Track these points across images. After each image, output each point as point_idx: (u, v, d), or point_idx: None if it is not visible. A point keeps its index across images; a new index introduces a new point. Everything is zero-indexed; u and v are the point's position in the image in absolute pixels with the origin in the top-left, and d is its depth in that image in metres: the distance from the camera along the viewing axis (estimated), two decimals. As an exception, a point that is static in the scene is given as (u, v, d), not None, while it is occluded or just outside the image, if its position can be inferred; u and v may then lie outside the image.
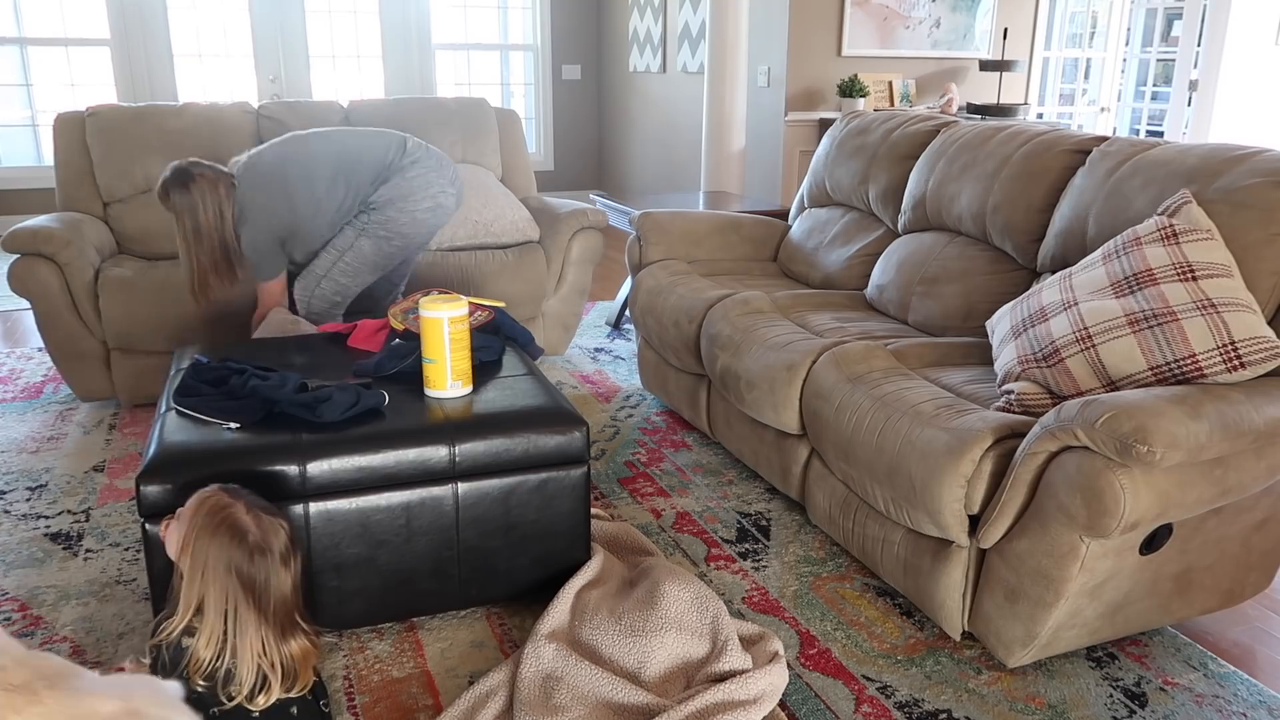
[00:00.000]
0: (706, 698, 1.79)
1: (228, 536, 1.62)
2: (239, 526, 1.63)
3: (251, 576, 1.61)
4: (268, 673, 1.61)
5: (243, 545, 1.62)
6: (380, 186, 2.96)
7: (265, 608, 1.62)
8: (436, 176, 3.03)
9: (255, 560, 1.62)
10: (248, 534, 1.63)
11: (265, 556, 1.63)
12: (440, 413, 2.11)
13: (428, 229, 3.06)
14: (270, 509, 1.70)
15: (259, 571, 1.62)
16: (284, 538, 1.67)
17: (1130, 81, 7.84)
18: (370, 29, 7.10)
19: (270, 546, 1.64)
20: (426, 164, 3.02)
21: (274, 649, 1.62)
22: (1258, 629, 2.21)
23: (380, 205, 2.96)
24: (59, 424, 3.31)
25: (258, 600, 1.62)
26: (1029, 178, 2.62)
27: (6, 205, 6.43)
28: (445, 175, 3.07)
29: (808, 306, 2.96)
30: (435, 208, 3.03)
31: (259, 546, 1.63)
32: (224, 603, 1.60)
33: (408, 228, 2.99)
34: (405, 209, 2.96)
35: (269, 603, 1.63)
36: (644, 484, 2.88)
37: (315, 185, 2.92)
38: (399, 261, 3.15)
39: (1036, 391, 2.07)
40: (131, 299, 3.29)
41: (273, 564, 1.63)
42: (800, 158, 5.78)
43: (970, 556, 2.00)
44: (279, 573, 1.64)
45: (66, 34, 6.43)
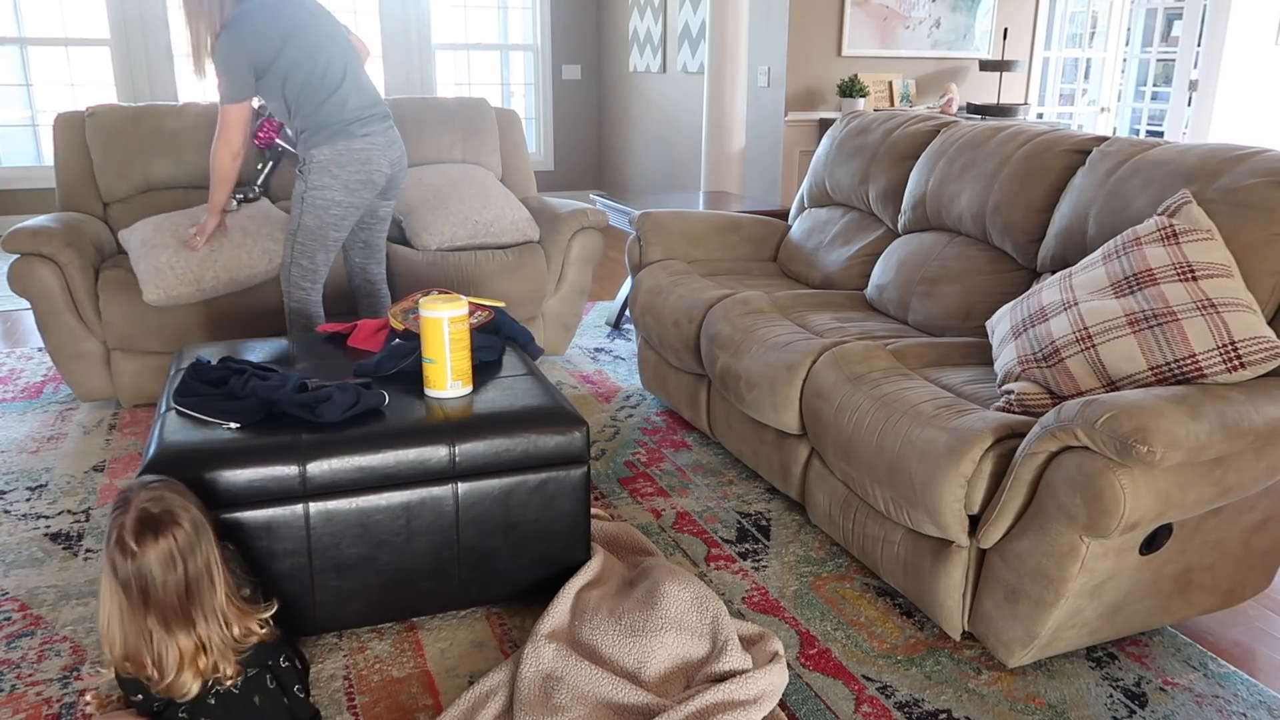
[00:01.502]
0: (706, 698, 1.79)
1: (110, 537, 1.60)
2: (116, 523, 1.60)
3: (127, 577, 1.58)
4: (184, 664, 1.61)
5: (117, 545, 1.58)
6: (319, 115, 2.96)
7: (148, 605, 1.59)
8: (379, 155, 3.02)
9: (127, 561, 1.58)
10: (123, 535, 1.58)
11: (132, 559, 1.58)
12: (440, 413, 2.11)
13: (360, 199, 3.04)
14: (172, 505, 1.63)
15: (132, 571, 1.58)
16: (179, 536, 1.60)
17: (1130, 81, 7.84)
18: (370, 29, 7.10)
19: (135, 549, 1.58)
20: (373, 140, 3.01)
21: (171, 644, 1.60)
22: (1258, 629, 2.21)
23: (315, 168, 2.96)
24: (59, 424, 3.31)
25: (146, 605, 1.59)
26: (1029, 178, 2.62)
27: (6, 205, 6.43)
28: (390, 155, 3.07)
29: (808, 306, 2.96)
30: (367, 181, 3.02)
31: (129, 550, 1.58)
32: (109, 598, 1.60)
33: (339, 194, 2.99)
34: (339, 176, 2.97)
35: (157, 602, 1.59)
36: (644, 484, 2.88)
37: (307, 48, 2.94)
38: (353, 226, 3.14)
39: (1036, 391, 2.07)
40: (131, 299, 3.29)
41: (141, 564, 1.58)
42: (800, 158, 5.78)
43: (970, 556, 2.00)
44: (154, 571, 1.58)
45: (66, 34, 6.43)
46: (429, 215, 3.77)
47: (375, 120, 3.03)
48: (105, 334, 3.33)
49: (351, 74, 3.01)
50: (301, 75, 2.92)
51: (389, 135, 3.06)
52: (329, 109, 2.95)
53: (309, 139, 2.96)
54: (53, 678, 1.95)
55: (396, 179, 3.16)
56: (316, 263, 3.10)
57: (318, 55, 2.94)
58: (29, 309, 4.63)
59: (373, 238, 3.30)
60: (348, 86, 2.98)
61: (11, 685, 1.93)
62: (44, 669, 1.98)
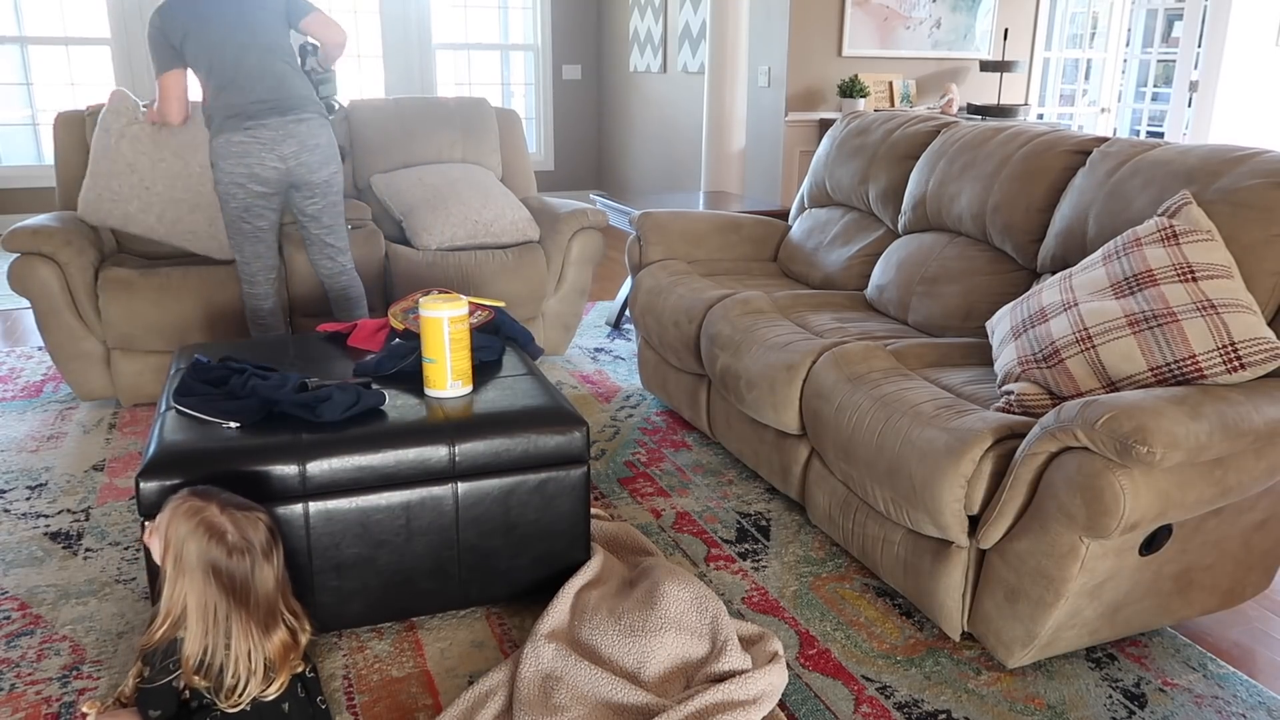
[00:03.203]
0: (706, 698, 1.79)
1: (205, 537, 1.61)
2: (215, 526, 1.62)
3: (231, 575, 1.61)
4: (254, 670, 1.62)
5: (221, 544, 1.61)
6: (216, 103, 3.01)
7: (248, 605, 1.62)
8: (261, 150, 3.01)
9: (234, 559, 1.61)
10: (225, 533, 1.62)
11: (245, 554, 1.62)
12: (440, 412, 2.11)
13: (254, 192, 3.06)
14: (246, 504, 1.69)
15: (238, 569, 1.61)
16: (263, 532, 1.67)
17: (1130, 82, 7.84)
18: (370, 28, 7.10)
19: (250, 543, 1.63)
20: (256, 134, 3.00)
21: (258, 647, 1.62)
22: (1257, 630, 2.21)
23: (213, 160, 3.04)
24: (59, 423, 3.31)
25: (241, 599, 1.62)
26: (1029, 178, 2.62)
27: (6, 204, 6.43)
28: (280, 150, 3.04)
29: (808, 307, 2.96)
30: (250, 175, 3.03)
31: (237, 545, 1.62)
32: (206, 604, 1.60)
33: (229, 187, 3.04)
34: (221, 168, 3.03)
35: (251, 600, 1.63)
36: (644, 484, 2.88)
37: (215, 34, 2.98)
38: (260, 218, 3.12)
39: (1036, 392, 2.07)
40: (131, 299, 3.29)
41: (254, 560, 1.63)
42: (800, 158, 5.78)
43: (970, 557, 2.00)
44: (261, 568, 1.64)
45: (67, 33, 6.43)
46: (429, 215, 3.77)
47: (269, 114, 3.00)
48: (105, 333, 3.33)
49: (259, 65, 3.01)
50: (205, 61, 2.99)
51: (284, 129, 3.02)
52: (224, 99, 3.00)
53: (208, 125, 3.06)
54: (52, 677, 1.95)
55: (300, 174, 3.09)
56: (245, 255, 3.18)
57: (226, 43, 2.98)
58: (29, 308, 4.63)
59: (311, 235, 3.26)
60: (250, 78, 3.00)
61: (11, 684, 1.93)
62: (43, 668, 1.98)
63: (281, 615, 1.68)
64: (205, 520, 1.63)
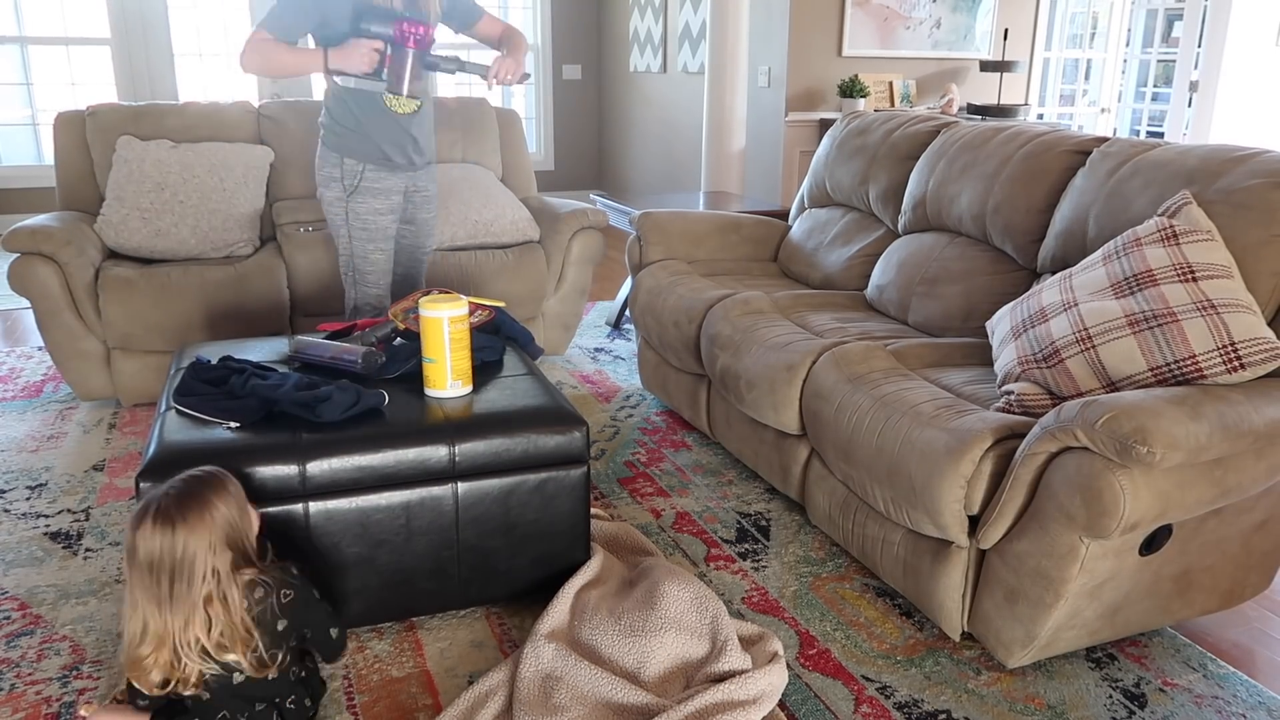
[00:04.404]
0: (706, 698, 1.79)
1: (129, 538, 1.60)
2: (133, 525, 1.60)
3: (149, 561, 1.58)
4: (214, 648, 1.60)
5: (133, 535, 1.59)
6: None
7: (169, 591, 1.58)
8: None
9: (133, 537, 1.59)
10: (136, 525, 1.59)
11: (132, 530, 1.59)
12: (440, 412, 2.11)
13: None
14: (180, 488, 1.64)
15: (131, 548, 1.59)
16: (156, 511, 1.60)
17: (1130, 82, 7.84)
18: (371, 28, 7.09)
19: (138, 522, 1.59)
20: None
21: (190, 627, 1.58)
22: (1257, 630, 2.21)
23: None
24: (59, 423, 3.31)
25: (161, 583, 1.57)
26: (1029, 178, 2.62)
27: (6, 204, 6.43)
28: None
29: (808, 307, 2.96)
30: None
31: (133, 525, 1.60)
32: (136, 606, 1.59)
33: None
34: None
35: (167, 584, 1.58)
36: (644, 484, 2.88)
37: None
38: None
39: (1036, 392, 2.07)
40: (131, 299, 3.29)
41: (139, 533, 1.59)
42: (800, 158, 5.78)
43: (970, 557, 2.00)
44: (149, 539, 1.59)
45: (67, 33, 6.43)
46: (429, 215, 3.77)
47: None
48: (105, 333, 3.33)
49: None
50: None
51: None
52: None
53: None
54: (52, 677, 1.95)
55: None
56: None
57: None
58: (29, 308, 4.63)
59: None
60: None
61: (11, 684, 1.93)
62: (43, 668, 1.98)
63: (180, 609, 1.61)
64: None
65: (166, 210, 3.53)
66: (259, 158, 3.80)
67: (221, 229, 3.59)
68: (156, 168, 3.59)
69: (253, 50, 2.63)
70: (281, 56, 2.64)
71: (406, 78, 2.65)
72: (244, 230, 3.65)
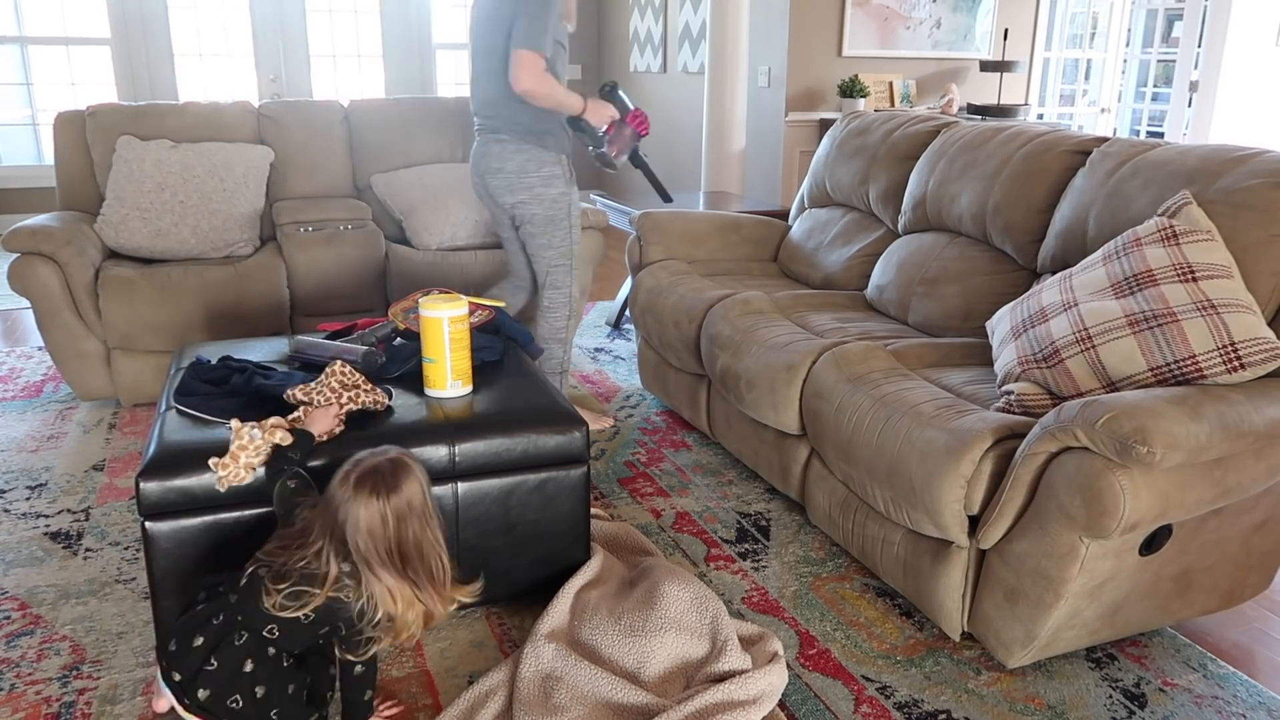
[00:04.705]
0: (706, 698, 1.79)
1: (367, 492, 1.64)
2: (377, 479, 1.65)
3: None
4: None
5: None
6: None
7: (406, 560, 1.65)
8: (472, 164, 3.11)
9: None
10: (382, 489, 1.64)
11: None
12: (440, 412, 2.11)
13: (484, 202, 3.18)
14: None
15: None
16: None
17: (1130, 82, 7.84)
18: (371, 28, 7.10)
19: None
20: (474, 149, 3.11)
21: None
22: (1257, 630, 2.21)
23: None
24: (59, 423, 3.31)
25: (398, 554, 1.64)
26: (1029, 178, 2.62)
27: (6, 204, 6.43)
28: (477, 167, 3.08)
29: (808, 307, 2.96)
30: (474, 185, 3.15)
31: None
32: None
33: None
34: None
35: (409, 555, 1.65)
36: (644, 484, 2.88)
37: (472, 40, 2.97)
38: (501, 226, 3.20)
39: (1036, 392, 2.07)
40: (131, 298, 3.29)
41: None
42: (800, 158, 5.78)
43: (970, 557, 2.00)
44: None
45: (67, 33, 6.43)
46: (429, 215, 3.77)
47: (479, 130, 3.05)
48: (105, 333, 3.33)
49: (476, 77, 3.02)
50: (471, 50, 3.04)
51: (481, 148, 3.02)
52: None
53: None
54: (52, 677, 1.95)
55: (489, 189, 3.04)
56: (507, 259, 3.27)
57: (471, 35, 3.01)
58: (29, 308, 4.63)
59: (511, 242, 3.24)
60: (474, 84, 3.04)
61: (11, 684, 1.93)
62: (43, 668, 1.98)
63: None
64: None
65: (166, 210, 3.53)
66: (259, 158, 3.80)
67: (221, 229, 3.59)
68: (156, 168, 3.59)
69: (536, 73, 2.85)
70: (558, 89, 2.94)
71: (620, 149, 3.14)
72: (244, 230, 3.65)
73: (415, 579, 1.65)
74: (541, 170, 2.99)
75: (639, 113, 3.12)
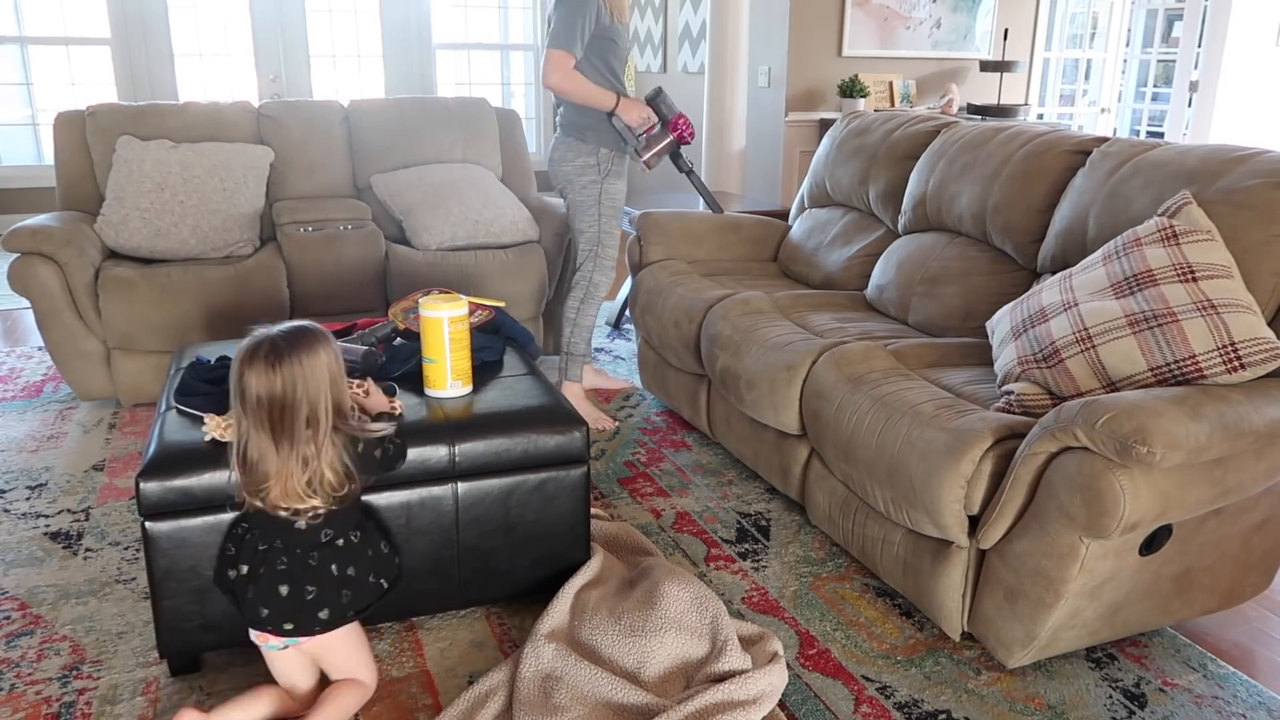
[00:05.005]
0: (706, 698, 1.79)
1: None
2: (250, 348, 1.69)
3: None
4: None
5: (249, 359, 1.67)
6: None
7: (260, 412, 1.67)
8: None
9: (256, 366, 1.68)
10: (257, 348, 1.68)
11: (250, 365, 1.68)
12: (440, 413, 2.11)
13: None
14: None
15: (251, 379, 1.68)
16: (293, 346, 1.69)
17: (1130, 82, 7.85)
18: (371, 28, 7.10)
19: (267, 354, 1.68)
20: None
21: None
22: (1257, 630, 2.21)
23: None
24: (59, 423, 3.31)
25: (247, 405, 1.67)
26: (1029, 178, 2.62)
27: (6, 204, 6.43)
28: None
29: (808, 307, 2.96)
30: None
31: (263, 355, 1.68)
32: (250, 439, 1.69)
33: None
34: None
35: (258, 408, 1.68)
36: (644, 484, 2.88)
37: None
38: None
39: (1036, 392, 2.07)
40: (131, 299, 3.29)
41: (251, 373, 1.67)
42: (800, 158, 5.78)
43: (970, 557, 2.00)
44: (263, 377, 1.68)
45: (67, 33, 6.43)
46: (429, 215, 3.77)
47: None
48: (105, 333, 3.33)
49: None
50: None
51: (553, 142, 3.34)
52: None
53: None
54: (52, 677, 1.95)
55: (553, 179, 3.36)
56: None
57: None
58: (29, 308, 4.63)
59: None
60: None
61: (11, 684, 1.93)
62: (43, 668, 1.98)
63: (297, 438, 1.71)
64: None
65: (166, 210, 3.53)
66: (259, 158, 3.80)
67: (221, 229, 3.59)
68: (156, 168, 3.59)
69: (562, 71, 3.08)
70: (587, 86, 3.12)
71: (654, 151, 3.24)
72: (244, 230, 3.65)
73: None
74: (577, 160, 3.25)
75: (681, 119, 3.26)
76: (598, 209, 3.28)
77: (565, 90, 3.11)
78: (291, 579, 1.73)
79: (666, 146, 3.25)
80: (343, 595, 1.77)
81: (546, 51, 3.08)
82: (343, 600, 1.77)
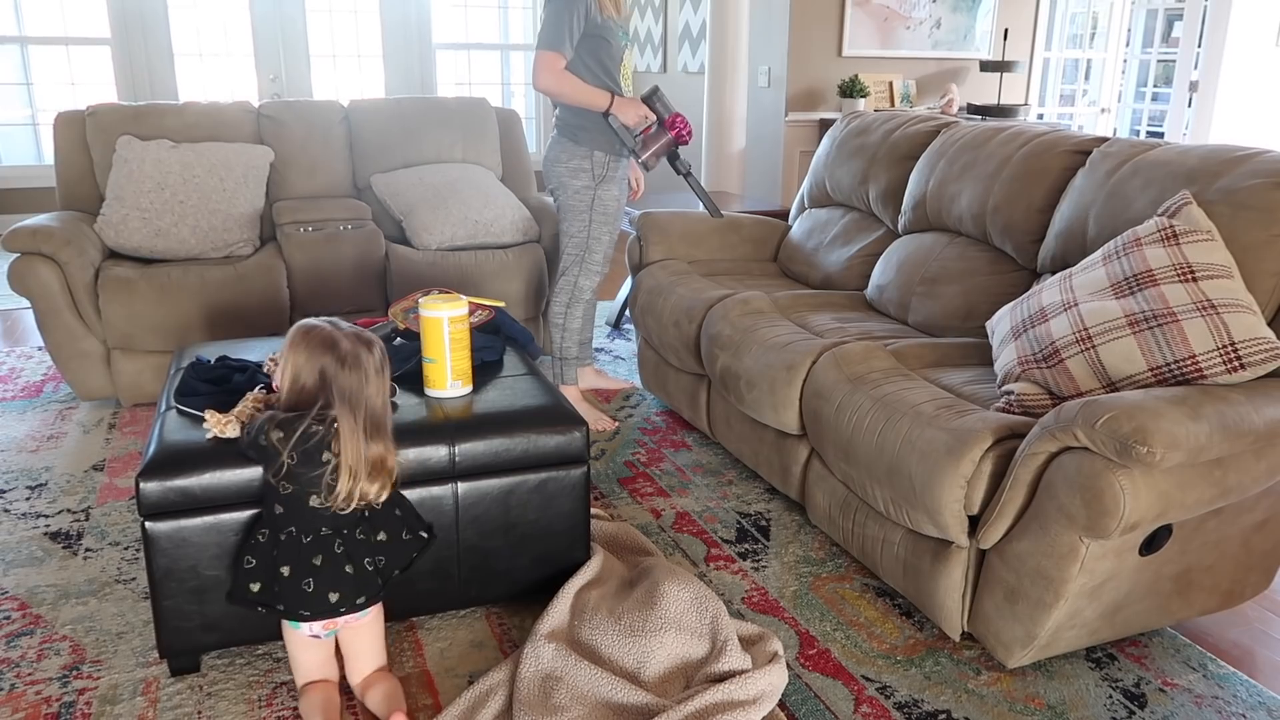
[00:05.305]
0: (706, 698, 1.79)
1: (320, 347, 1.77)
2: (327, 339, 1.77)
3: (341, 383, 1.75)
4: (355, 471, 1.74)
5: (334, 354, 1.76)
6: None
7: (357, 413, 1.75)
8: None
9: (347, 369, 1.76)
10: (339, 344, 1.77)
11: (355, 367, 1.76)
12: (440, 413, 2.11)
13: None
14: (361, 330, 1.84)
15: (349, 380, 1.75)
16: (377, 352, 1.81)
17: (1130, 82, 7.84)
18: (371, 28, 7.10)
19: (358, 357, 1.77)
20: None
21: (360, 452, 1.74)
22: (1257, 630, 2.21)
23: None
24: (59, 423, 3.31)
25: (353, 405, 1.75)
26: (1029, 178, 2.62)
27: (6, 205, 6.43)
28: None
29: (808, 307, 2.96)
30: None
31: (348, 356, 1.76)
32: (298, 376, 1.77)
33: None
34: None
35: (363, 410, 1.76)
36: (644, 484, 2.88)
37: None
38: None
39: (1036, 392, 2.07)
40: (131, 298, 3.29)
41: (365, 375, 1.77)
42: (800, 158, 5.78)
43: (970, 557, 2.00)
44: (372, 383, 1.78)
45: (67, 33, 6.43)
46: (429, 215, 3.77)
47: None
48: (105, 333, 3.33)
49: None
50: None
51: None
52: None
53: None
54: (52, 677, 1.95)
55: (546, 180, 3.33)
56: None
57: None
58: (29, 308, 4.63)
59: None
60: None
61: (11, 684, 1.93)
62: (43, 668, 1.98)
63: (384, 432, 1.80)
64: (318, 335, 1.78)
65: (166, 210, 3.53)
66: (259, 158, 3.80)
67: (221, 229, 3.59)
68: (156, 168, 3.59)
69: (552, 72, 3.02)
70: (577, 86, 3.06)
71: (652, 151, 3.17)
72: (244, 230, 3.65)
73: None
74: (570, 163, 3.20)
75: (679, 118, 3.19)
76: (589, 214, 3.22)
77: (556, 92, 3.04)
78: (350, 557, 1.78)
79: (664, 146, 3.19)
80: (389, 556, 1.84)
81: (536, 53, 3.01)
82: (391, 561, 1.85)
